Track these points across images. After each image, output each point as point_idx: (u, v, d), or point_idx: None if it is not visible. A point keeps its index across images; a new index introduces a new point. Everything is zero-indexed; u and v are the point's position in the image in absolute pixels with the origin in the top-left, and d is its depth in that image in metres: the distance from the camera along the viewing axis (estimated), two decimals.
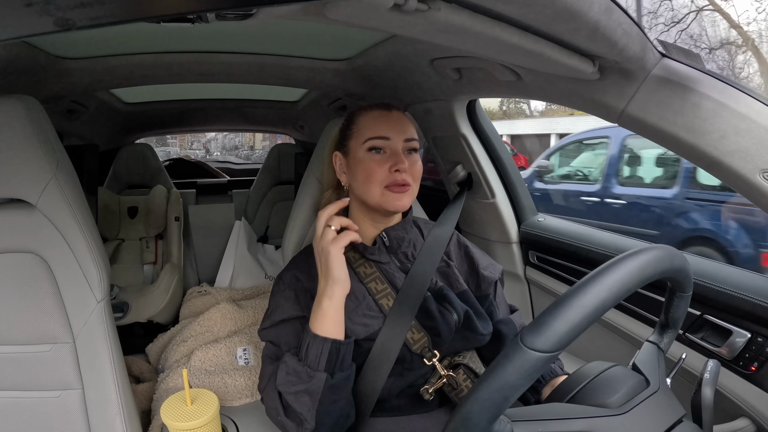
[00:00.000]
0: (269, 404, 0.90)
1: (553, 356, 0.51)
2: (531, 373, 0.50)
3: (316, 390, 0.82)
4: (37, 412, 1.03)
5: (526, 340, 0.51)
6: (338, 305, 0.87)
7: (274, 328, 0.97)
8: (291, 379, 0.84)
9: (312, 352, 0.84)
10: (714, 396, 0.67)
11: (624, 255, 0.57)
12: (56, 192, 1.00)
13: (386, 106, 1.02)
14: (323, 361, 0.84)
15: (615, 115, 0.92)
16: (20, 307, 1.00)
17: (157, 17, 0.35)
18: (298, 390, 0.83)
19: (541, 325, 0.51)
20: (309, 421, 0.83)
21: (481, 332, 0.99)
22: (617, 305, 1.07)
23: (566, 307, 0.52)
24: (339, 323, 0.87)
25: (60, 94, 1.50)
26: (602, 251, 1.31)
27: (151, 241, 2.36)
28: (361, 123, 0.99)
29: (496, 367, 0.51)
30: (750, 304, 0.97)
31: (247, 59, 1.42)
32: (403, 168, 0.95)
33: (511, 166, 1.62)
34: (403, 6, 0.58)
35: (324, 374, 0.83)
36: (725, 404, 1.00)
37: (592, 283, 0.54)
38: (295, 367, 0.85)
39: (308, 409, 0.83)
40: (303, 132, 2.93)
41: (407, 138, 0.98)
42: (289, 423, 0.85)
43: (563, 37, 0.74)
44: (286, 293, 0.98)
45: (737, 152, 0.78)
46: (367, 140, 0.96)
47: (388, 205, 0.96)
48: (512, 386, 0.50)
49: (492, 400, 0.51)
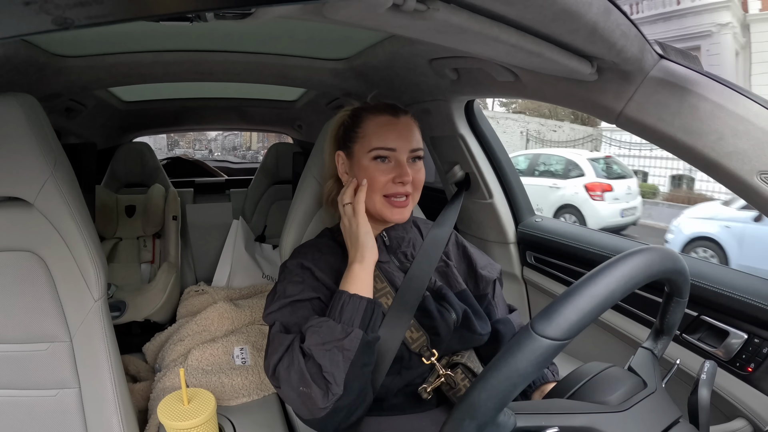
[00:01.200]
0: (290, 376, 0.83)
1: (564, 344, 0.51)
2: (541, 360, 0.50)
3: (351, 347, 0.81)
4: (33, 411, 1.03)
5: (537, 327, 0.51)
6: (369, 269, 0.90)
7: (283, 310, 0.93)
8: (324, 336, 0.82)
9: (347, 310, 0.85)
10: (711, 397, 0.67)
11: (632, 251, 0.58)
12: (54, 190, 0.99)
13: (394, 110, 1.00)
14: (358, 319, 0.84)
15: (613, 116, 0.92)
16: (17, 306, 1.00)
17: (155, 16, 0.35)
18: (332, 346, 0.81)
19: (552, 312, 0.52)
20: (338, 384, 0.80)
21: (480, 332, 0.99)
22: (614, 306, 1.08)
23: (577, 296, 0.52)
24: (370, 287, 0.90)
25: (58, 92, 1.50)
26: (599, 252, 1.32)
27: (149, 240, 2.36)
28: (368, 128, 0.98)
29: (506, 354, 0.51)
30: (747, 305, 0.97)
31: (245, 58, 1.42)
32: (406, 180, 0.95)
33: (508, 167, 1.62)
34: (401, 6, 0.58)
35: (360, 331, 0.83)
36: (722, 405, 1.00)
37: (602, 274, 0.54)
38: (330, 324, 0.83)
39: (340, 370, 0.80)
40: (301, 131, 2.93)
41: (413, 148, 0.98)
42: (316, 389, 0.80)
43: (562, 38, 0.74)
44: (294, 279, 0.96)
45: (735, 154, 0.78)
46: (373, 149, 0.96)
47: (386, 216, 0.98)
48: (522, 374, 0.50)
49: (501, 387, 0.51)
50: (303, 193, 1.22)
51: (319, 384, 0.80)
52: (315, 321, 0.85)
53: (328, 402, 0.80)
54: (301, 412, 0.84)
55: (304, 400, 0.82)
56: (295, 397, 0.83)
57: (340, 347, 0.81)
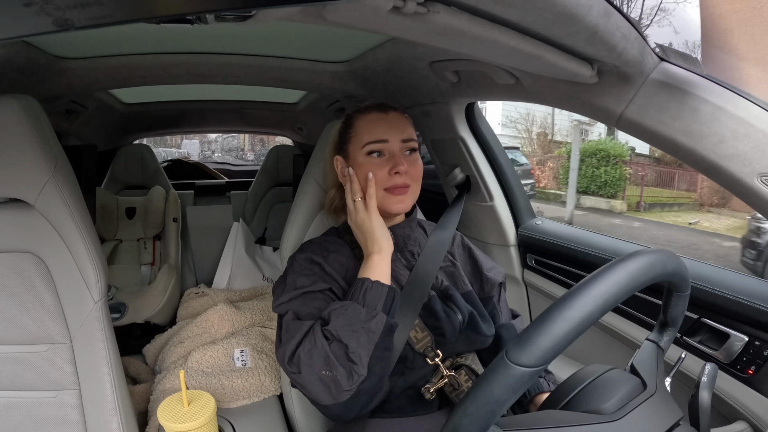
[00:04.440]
0: (313, 359, 0.82)
1: (538, 371, 0.51)
2: (516, 388, 0.51)
3: (375, 329, 0.82)
4: (33, 413, 1.02)
5: (511, 355, 0.51)
6: (387, 259, 0.92)
7: (295, 300, 0.92)
8: (350, 318, 0.83)
9: (371, 295, 0.86)
10: (711, 399, 0.67)
11: (610, 264, 0.56)
12: (54, 192, 1.00)
13: (383, 107, 1.02)
14: (380, 304, 0.85)
15: (613, 118, 0.92)
16: (17, 307, 1.00)
17: (156, 18, 0.35)
18: (358, 327, 0.82)
19: (525, 340, 0.51)
20: (363, 365, 0.80)
21: (485, 334, 0.99)
22: (614, 308, 1.07)
23: (551, 322, 0.52)
24: (389, 275, 0.91)
25: (59, 94, 1.50)
26: (599, 254, 1.32)
27: (149, 242, 2.36)
28: (359, 127, 1.00)
29: (482, 381, 0.52)
30: (747, 307, 0.97)
31: (246, 61, 1.43)
32: (402, 170, 0.96)
33: (509, 169, 1.62)
34: (402, 9, 0.58)
35: (384, 315, 0.84)
36: (723, 408, 1.00)
37: (577, 295, 0.53)
38: (355, 307, 0.84)
39: (366, 351, 0.81)
40: (302, 134, 2.93)
41: (405, 138, 0.99)
42: (341, 371, 0.80)
43: (562, 40, 0.74)
44: (304, 271, 0.96)
45: (735, 156, 0.78)
46: (366, 144, 0.98)
47: (389, 208, 0.98)
48: (497, 401, 0.51)
49: (479, 414, 0.51)
50: (304, 196, 1.22)
51: (344, 365, 0.80)
52: (338, 305, 0.86)
53: (353, 384, 0.80)
54: (321, 397, 0.82)
55: (328, 383, 0.81)
56: (316, 381, 0.81)
57: (366, 329, 0.82)
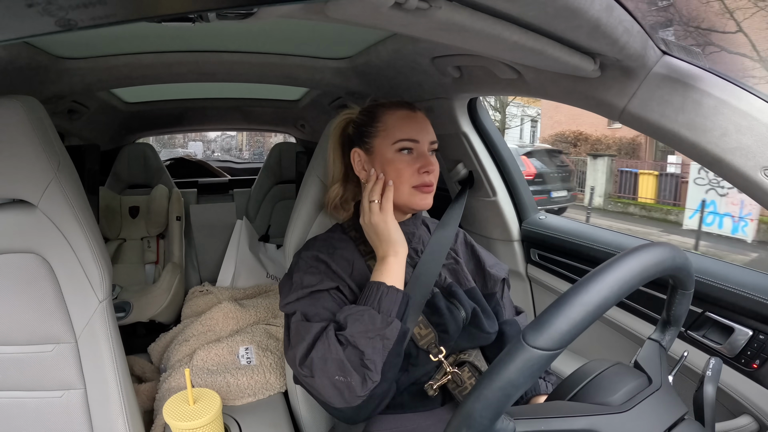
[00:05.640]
0: (327, 365, 0.82)
1: (555, 354, 0.51)
2: (533, 371, 0.50)
3: (391, 336, 0.83)
4: (39, 413, 1.03)
5: (529, 338, 0.51)
6: (402, 263, 0.93)
7: (303, 300, 0.92)
8: (367, 325, 0.83)
9: (386, 301, 0.86)
10: (716, 394, 0.67)
11: (626, 253, 0.57)
12: (57, 192, 1.00)
13: (410, 106, 1.03)
14: (395, 310, 0.86)
15: (616, 112, 0.92)
16: (22, 308, 1.00)
17: (158, 17, 0.35)
18: (375, 335, 0.83)
19: (543, 323, 0.51)
20: (376, 372, 0.81)
21: (488, 330, 0.99)
22: (619, 303, 1.07)
23: (568, 305, 0.52)
24: (403, 280, 0.92)
25: (61, 94, 1.50)
26: (603, 249, 1.31)
27: (153, 241, 2.37)
28: (389, 122, 1.00)
29: (499, 365, 0.52)
30: (752, 301, 0.96)
31: (248, 58, 1.42)
32: (431, 170, 0.98)
33: (512, 164, 1.62)
34: (404, 5, 0.58)
35: (399, 322, 0.85)
36: (727, 402, 1.00)
37: (593, 280, 0.53)
38: (371, 313, 0.85)
39: (380, 358, 0.82)
40: (304, 131, 2.93)
41: (432, 140, 1.01)
42: (356, 377, 0.81)
43: (564, 34, 0.74)
44: (310, 269, 0.96)
45: (738, 149, 0.78)
46: (398, 141, 0.98)
47: (415, 205, 1.00)
48: (514, 384, 0.51)
49: (494, 398, 0.51)
50: (306, 193, 1.22)
51: (359, 372, 0.81)
52: (354, 309, 0.87)
53: (366, 389, 0.81)
54: (334, 400, 0.83)
55: (341, 388, 0.82)
56: (329, 385, 0.82)
57: (382, 336, 0.83)
